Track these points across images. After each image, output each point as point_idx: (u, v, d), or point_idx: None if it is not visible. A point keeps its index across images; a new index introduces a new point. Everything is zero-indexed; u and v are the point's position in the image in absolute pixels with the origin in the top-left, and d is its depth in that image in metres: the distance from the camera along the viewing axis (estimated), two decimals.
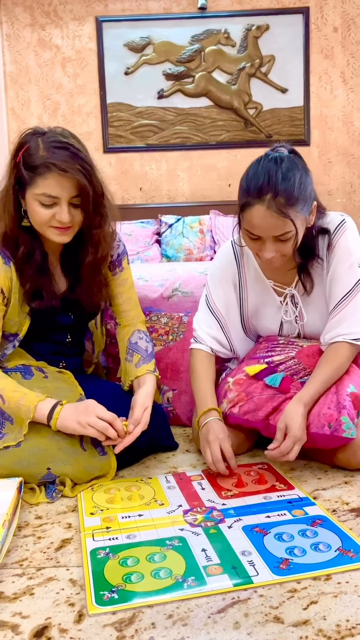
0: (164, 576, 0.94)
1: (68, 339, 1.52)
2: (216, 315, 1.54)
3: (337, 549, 1.01)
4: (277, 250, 1.31)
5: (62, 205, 1.29)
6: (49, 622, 0.85)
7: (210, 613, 0.86)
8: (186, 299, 1.97)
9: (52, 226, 1.32)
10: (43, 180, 1.26)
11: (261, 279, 1.51)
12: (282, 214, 1.24)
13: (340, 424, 1.27)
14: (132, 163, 4.12)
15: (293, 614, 0.85)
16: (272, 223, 1.26)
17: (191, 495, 1.25)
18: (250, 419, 1.40)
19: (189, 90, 4.04)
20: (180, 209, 3.98)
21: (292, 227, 1.27)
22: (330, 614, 0.84)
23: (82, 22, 3.99)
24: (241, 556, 0.99)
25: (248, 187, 1.28)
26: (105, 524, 1.13)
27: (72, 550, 1.05)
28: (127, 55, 4.00)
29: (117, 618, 0.85)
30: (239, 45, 4.00)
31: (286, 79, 4.03)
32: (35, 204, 1.29)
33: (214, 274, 1.56)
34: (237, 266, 1.53)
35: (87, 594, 0.90)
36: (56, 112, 4.08)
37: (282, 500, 1.21)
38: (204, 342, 1.54)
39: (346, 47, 4.02)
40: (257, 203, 1.25)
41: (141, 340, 1.53)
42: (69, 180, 1.26)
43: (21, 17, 3.99)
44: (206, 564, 0.97)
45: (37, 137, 1.29)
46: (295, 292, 1.48)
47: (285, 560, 0.97)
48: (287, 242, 1.30)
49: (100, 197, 1.35)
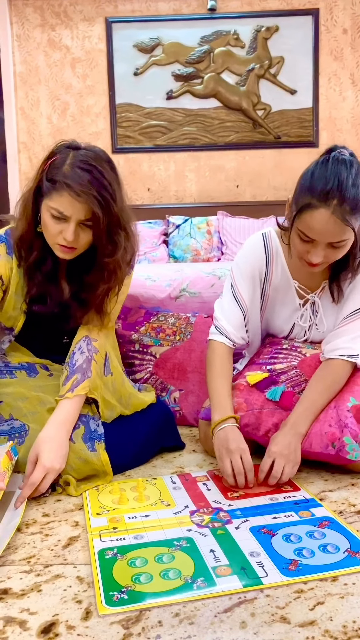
0: (173, 577, 0.94)
1: (65, 339, 1.51)
2: (241, 305, 1.48)
3: (346, 550, 1.01)
4: (325, 256, 1.27)
5: (70, 224, 1.27)
6: (57, 618, 0.86)
7: (217, 612, 0.86)
8: (194, 299, 1.97)
9: (57, 242, 1.31)
10: (58, 196, 1.25)
11: (286, 278, 1.48)
12: (345, 222, 1.19)
13: (343, 445, 1.27)
14: (141, 163, 4.13)
15: (299, 615, 0.85)
16: (333, 230, 1.21)
17: (197, 496, 1.25)
18: (250, 432, 1.39)
19: (198, 91, 4.05)
20: (188, 209, 3.98)
21: (352, 235, 1.23)
22: (337, 615, 0.85)
23: (92, 22, 4.01)
24: (250, 557, 0.99)
25: (313, 187, 1.22)
26: (112, 524, 1.13)
27: (80, 548, 1.06)
28: (136, 56, 4.01)
29: (125, 616, 0.85)
30: (248, 46, 4.00)
31: (295, 80, 4.03)
32: (47, 215, 1.29)
33: (241, 266, 1.49)
34: (267, 262, 1.47)
35: (96, 594, 0.90)
36: (65, 112, 4.10)
37: (289, 501, 1.21)
38: (225, 333, 1.47)
39: (356, 48, 4.02)
40: (321, 207, 1.20)
41: (78, 351, 1.40)
42: (82, 204, 1.25)
43: (31, 18, 4.01)
44: (215, 565, 0.97)
45: (69, 151, 1.29)
46: (317, 299, 1.47)
47: (294, 562, 0.98)
48: (338, 250, 1.27)
49: (116, 226, 1.31)
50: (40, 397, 1.39)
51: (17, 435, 1.33)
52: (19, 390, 1.40)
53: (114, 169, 1.32)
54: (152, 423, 1.48)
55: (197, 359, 1.79)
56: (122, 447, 1.38)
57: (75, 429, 1.32)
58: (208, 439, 1.46)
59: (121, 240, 1.34)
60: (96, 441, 1.33)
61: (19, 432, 1.34)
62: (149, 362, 1.82)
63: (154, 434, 1.47)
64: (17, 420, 1.36)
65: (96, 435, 1.34)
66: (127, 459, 1.40)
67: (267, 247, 1.47)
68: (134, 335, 1.86)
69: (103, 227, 1.28)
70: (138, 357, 1.84)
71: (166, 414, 1.55)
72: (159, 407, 1.54)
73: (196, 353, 1.80)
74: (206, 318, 1.87)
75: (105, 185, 1.26)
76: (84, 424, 1.34)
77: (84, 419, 1.35)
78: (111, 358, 1.47)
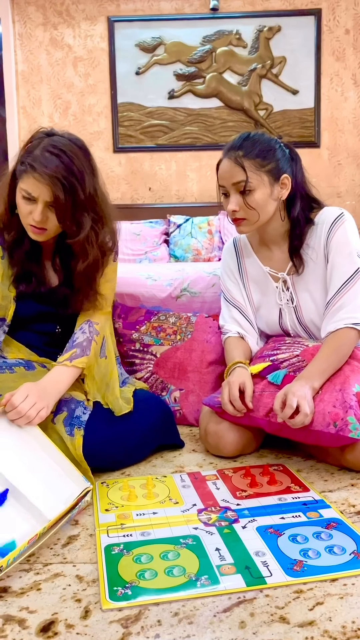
0: (178, 574, 0.94)
1: (57, 329, 1.54)
2: (235, 304, 1.65)
3: (352, 552, 1.00)
4: (238, 204, 1.44)
5: (38, 205, 1.33)
6: (56, 617, 0.86)
7: (216, 612, 0.86)
8: (195, 299, 1.97)
9: (28, 223, 1.38)
10: (27, 178, 1.32)
11: (259, 267, 1.61)
12: (236, 162, 1.42)
13: (346, 424, 1.27)
14: (142, 163, 4.13)
15: (299, 615, 0.85)
16: (229, 170, 1.44)
17: (206, 494, 1.25)
18: (251, 414, 1.40)
19: (200, 90, 4.05)
20: (189, 209, 3.98)
21: (255, 180, 1.42)
22: (336, 615, 0.84)
23: (94, 21, 4.00)
24: (255, 556, 0.99)
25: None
26: (119, 520, 1.14)
27: (79, 547, 1.06)
28: (138, 55, 4.01)
29: (124, 615, 0.85)
30: (250, 46, 4.00)
31: (297, 80, 4.02)
32: (19, 196, 1.36)
33: (222, 271, 1.69)
34: (237, 256, 1.66)
35: (100, 589, 0.91)
36: (67, 111, 4.09)
37: (297, 502, 1.21)
38: (230, 330, 1.64)
39: (358, 49, 4.01)
40: (224, 157, 1.47)
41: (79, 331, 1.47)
42: (45, 186, 1.31)
43: (33, 17, 4.01)
44: (220, 564, 0.97)
45: (44, 137, 1.36)
46: (287, 277, 1.56)
47: (299, 562, 0.97)
48: (249, 196, 1.42)
49: (82, 210, 1.36)
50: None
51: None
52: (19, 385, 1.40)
53: (89, 157, 1.39)
54: (150, 419, 1.48)
55: (198, 358, 1.79)
56: (117, 442, 1.38)
57: (58, 413, 1.33)
58: (208, 435, 1.47)
59: (86, 222, 1.38)
60: (76, 427, 1.33)
61: None
62: (150, 362, 1.82)
63: (152, 430, 1.47)
64: None
65: (77, 422, 1.34)
66: (121, 455, 1.39)
67: (236, 244, 1.67)
68: (135, 335, 1.86)
69: (67, 210, 1.33)
70: (138, 356, 1.84)
71: (165, 411, 1.55)
72: (157, 404, 1.54)
73: (197, 353, 1.80)
74: (207, 318, 1.87)
75: (73, 170, 1.32)
76: (68, 410, 1.35)
77: (71, 405, 1.36)
78: (107, 343, 1.54)
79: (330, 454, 1.39)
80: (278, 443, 1.52)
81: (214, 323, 1.85)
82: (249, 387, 1.41)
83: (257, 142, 1.46)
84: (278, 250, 1.57)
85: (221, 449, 1.46)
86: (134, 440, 1.42)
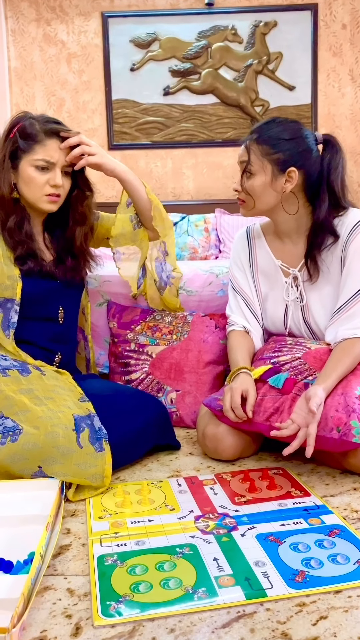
0: (174, 586, 0.90)
1: (60, 310, 1.55)
2: (242, 294, 1.63)
3: (356, 561, 0.96)
4: (240, 185, 1.47)
5: (56, 171, 1.44)
6: (45, 635, 0.81)
7: (214, 628, 0.81)
8: (191, 297, 1.93)
9: (44, 193, 1.45)
10: (42, 147, 1.42)
11: (270, 259, 1.58)
12: (245, 145, 1.45)
13: (350, 429, 1.23)
14: (137, 160, 4.08)
15: (302, 630, 0.80)
16: (241, 149, 1.47)
17: (203, 500, 1.20)
18: (252, 419, 1.36)
19: (195, 87, 4.00)
20: (186, 207, 3.93)
21: (257, 164, 1.42)
22: (341, 630, 0.80)
23: (88, 17, 3.95)
24: (255, 567, 0.95)
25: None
26: (113, 529, 1.09)
27: (71, 558, 1.01)
28: (133, 51, 3.96)
29: (116, 632, 0.81)
30: (246, 42, 3.95)
31: (294, 76, 3.98)
32: (31, 170, 1.43)
33: (232, 258, 1.67)
34: (249, 247, 1.62)
35: (93, 603, 0.86)
36: (61, 108, 4.04)
37: (298, 507, 1.16)
38: (236, 323, 1.61)
39: (355, 44, 3.97)
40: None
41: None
42: (63, 150, 1.44)
43: (26, 12, 3.95)
44: (218, 575, 0.93)
45: (30, 118, 1.46)
46: (298, 273, 1.52)
47: (301, 573, 0.93)
48: (247, 180, 1.44)
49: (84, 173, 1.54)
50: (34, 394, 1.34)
51: (10, 434, 1.29)
52: (10, 389, 1.36)
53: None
54: (145, 417, 1.43)
55: (194, 358, 1.75)
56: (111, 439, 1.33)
57: (81, 432, 1.28)
58: (206, 438, 1.43)
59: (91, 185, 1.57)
60: (103, 440, 1.29)
61: (12, 431, 1.29)
62: (145, 362, 1.77)
63: (147, 429, 1.43)
64: (9, 418, 1.32)
65: (102, 434, 1.30)
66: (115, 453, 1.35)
67: (249, 234, 1.64)
68: (130, 334, 1.81)
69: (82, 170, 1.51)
70: (133, 356, 1.79)
71: (161, 409, 1.51)
72: (153, 403, 1.50)
73: (193, 353, 1.76)
74: (204, 317, 1.83)
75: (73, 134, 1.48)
76: (88, 426, 1.30)
77: (87, 420, 1.32)
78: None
79: (332, 457, 1.35)
80: (277, 445, 1.48)
81: (210, 322, 1.80)
82: (252, 395, 1.36)
83: (274, 129, 1.43)
84: (292, 245, 1.54)
85: (220, 453, 1.42)
86: (128, 437, 1.38)
